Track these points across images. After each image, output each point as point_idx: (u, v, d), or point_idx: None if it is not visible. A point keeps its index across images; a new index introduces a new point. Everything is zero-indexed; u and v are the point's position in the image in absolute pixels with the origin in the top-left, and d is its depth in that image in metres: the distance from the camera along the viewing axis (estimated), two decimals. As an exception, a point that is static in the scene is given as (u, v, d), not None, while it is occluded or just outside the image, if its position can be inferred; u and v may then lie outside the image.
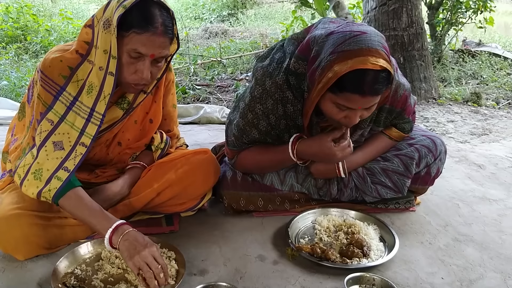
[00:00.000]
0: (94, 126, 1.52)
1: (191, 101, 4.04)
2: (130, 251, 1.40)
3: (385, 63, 1.41)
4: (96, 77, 1.49)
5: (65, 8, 8.09)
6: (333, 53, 1.44)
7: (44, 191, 1.49)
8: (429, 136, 1.93)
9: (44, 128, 1.52)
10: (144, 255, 1.39)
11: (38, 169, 1.50)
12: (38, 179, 1.50)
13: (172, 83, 1.84)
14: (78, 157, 1.52)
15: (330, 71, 1.44)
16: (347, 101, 1.48)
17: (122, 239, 1.42)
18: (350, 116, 1.53)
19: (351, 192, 1.91)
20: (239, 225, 1.86)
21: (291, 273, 1.56)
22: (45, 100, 1.52)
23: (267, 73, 1.66)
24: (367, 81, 1.41)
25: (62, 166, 1.50)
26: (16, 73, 4.51)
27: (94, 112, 1.51)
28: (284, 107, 1.69)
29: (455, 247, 1.75)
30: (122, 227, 1.45)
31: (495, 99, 4.26)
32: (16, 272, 1.52)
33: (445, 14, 5.22)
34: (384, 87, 1.47)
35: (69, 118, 1.52)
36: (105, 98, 1.50)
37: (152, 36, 1.43)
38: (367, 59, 1.39)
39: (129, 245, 1.41)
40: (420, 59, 4.11)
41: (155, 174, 1.77)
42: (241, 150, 1.84)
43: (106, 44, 1.44)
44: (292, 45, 1.69)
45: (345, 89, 1.45)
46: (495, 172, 2.48)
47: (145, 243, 1.42)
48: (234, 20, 9.09)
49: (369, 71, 1.40)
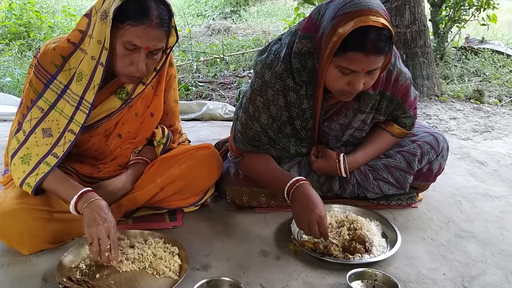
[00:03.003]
0: (82, 114, 1.54)
1: (193, 98, 4.05)
2: (90, 221, 1.45)
3: (385, 22, 1.46)
4: (87, 65, 1.51)
5: (68, 5, 8.12)
6: (335, 17, 1.48)
7: (32, 175, 1.52)
8: (432, 133, 1.93)
9: (35, 115, 1.55)
10: (99, 229, 1.43)
11: (26, 153, 1.53)
12: (26, 163, 1.53)
13: (174, 78, 1.85)
14: (67, 144, 1.54)
15: (335, 35, 1.47)
16: (351, 62, 1.49)
17: (86, 205, 1.47)
18: (353, 81, 1.54)
19: (353, 188, 1.92)
20: (242, 220, 1.87)
21: (294, 269, 1.57)
22: (36, 88, 1.56)
23: (266, 65, 1.69)
24: (369, 39, 1.44)
25: (52, 152, 1.53)
26: (19, 70, 4.53)
27: (83, 100, 1.53)
28: (286, 97, 1.70)
29: (457, 243, 1.76)
30: (87, 194, 1.50)
31: (497, 97, 4.26)
32: (21, 266, 1.54)
33: (448, 11, 5.21)
34: (386, 47, 1.49)
35: (59, 106, 1.55)
36: (94, 87, 1.52)
37: (147, 28, 1.44)
38: (368, 18, 1.44)
39: (90, 214, 1.46)
40: (423, 56, 4.11)
41: (159, 169, 1.78)
42: (246, 152, 1.85)
43: (101, 35, 1.46)
44: (290, 35, 1.71)
45: (349, 49, 1.47)
46: (497, 169, 2.48)
47: (104, 217, 1.46)
48: (237, 17, 9.09)
49: (371, 29, 1.44)
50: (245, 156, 1.87)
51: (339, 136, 1.86)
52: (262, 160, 1.83)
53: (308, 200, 1.60)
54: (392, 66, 1.75)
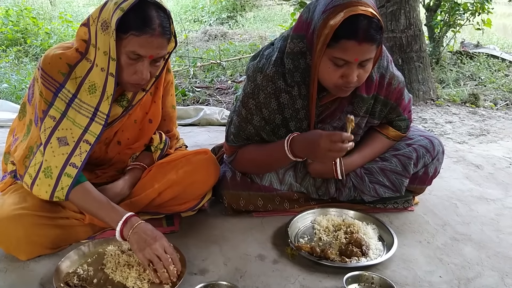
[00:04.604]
0: (98, 126, 1.55)
1: (190, 103, 4.05)
2: (140, 244, 1.44)
3: (374, 11, 1.50)
4: (98, 77, 1.52)
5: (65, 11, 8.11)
6: (325, 11, 1.52)
7: (58, 190, 1.52)
8: (427, 137, 1.95)
9: (48, 125, 1.54)
10: (154, 247, 1.44)
11: (47, 167, 1.53)
12: (49, 177, 1.53)
13: (171, 84, 1.86)
14: (84, 153, 1.55)
15: (326, 28, 1.51)
16: (344, 51, 1.51)
17: (132, 231, 1.47)
18: (347, 73, 1.56)
19: (350, 191, 1.93)
20: (239, 225, 1.88)
21: (291, 272, 1.58)
22: (46, 97, 1.55)
23: (257, 69, 1.72)
24: (361, 26, 1.48)
25: (69, 162, 1.53)
26: (16, 76, 4.52)
27: (98, 112, 1.54)
28: (278, 99, 1.72)
29: (453, 246, 1.77)
30: (131, 220, 1.50)
31: (493, 100, 4.28)
32: (19, 272, 1.54)
33: (443, 16, 5.24)
34: (378, 35, 1.52)
35: (70, 115, 1.55)
36: (108, 98, 1.53)
37: (150, 38, 1.45)
38: (357, 8, 1.48)
39: (138, 238, 1.45)
40: (418, 60, 4.13)
41: (156, 175, 1.79)
42: (240, 146, 1.86)
43: (106, 46, 1.47)
44: (282, 39, 1.74)
45: (341, 37, 1.50)
46: (493, 172, 2.49)
47: (154, 235, 1.47)
48: (233, 23, 9.11)
49: (361, 17, 1.48)
50: (238, 151, 1.88)
51: None
52: (254, 146, 1.85)
53: (307, 139, 1.66)
54: (385, 70, 1.77)
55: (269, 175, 1.91)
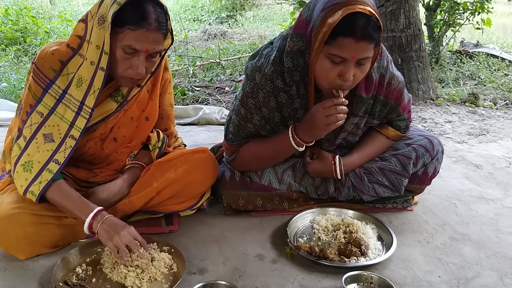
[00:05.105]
0: (83, 120, 1.55)
1: (190, 102, 4.05)
2: (109, 233, 1.48)
3: (372, 10, 1.50)
4: (86, 71, 1.52)
5: (64, 10, 8.11)
6: (324, 9, 1.53)
7: (35, 183, 1.52)
8: (427, 136, 1.95)
9: (35, 121, 1.55)
10: (123, 234, 1.47)
11: (28, 161, 1.53)
12: (28, 171, 1.53)
13: (169, 83, 1.86)
14: (68, 149, 1.55)
15: (324, 26, 1.51)
16: (341, 48, 1.51)
17: (101, 224, 1.50)
18: (344, 72, 1.55)
19: (349, 191, 1.93)
20: (238, 224, 1.88)
21: (290, 272, 1.58)
22: (35, 92, 1.56)
23: (256, 68, 1.71)
24: (358, 23, 1.48)
25: (53, 158, 1.54)
26: (15, 75, 4.52)
27: (84, 105, 1.55)
28: (276, 98, 1.72)
29: (452, 245, 1.77)
30: (102, 213, 1.53)
31: (492, 100, 4.28)
32: (17, 271, 1.54)
33: (443, 16, 5.24)
34: (376, 34, 1.52)
35: (59, 110, 1.56)
36: (94, 92, 1.53)
37: (146, 32, 1.46)
38: (355, 6, 1.48)
39: (107, 228, 1.49)
40: (418, 60, 4.13)
41: (155, 173, 1.79)
42: (241, 144, 1.86)
43: (99, 40, 1.48)
44: (281, 39, 1.74)
45: (339, 34, 1.50)
46: (492, 172, 2.49)
47: (123, 225, 1.50)
48: (233, 22, 9.10)
49: (360, 15, 1.48)
50: (239, 149, 1.88)
51: (332, 139, 1.87)
52: (255, 142, 1.84)
53: (305, 119, 1.67)
54: (385, 70, 1.77)
55: (268, 174, 1.91)
